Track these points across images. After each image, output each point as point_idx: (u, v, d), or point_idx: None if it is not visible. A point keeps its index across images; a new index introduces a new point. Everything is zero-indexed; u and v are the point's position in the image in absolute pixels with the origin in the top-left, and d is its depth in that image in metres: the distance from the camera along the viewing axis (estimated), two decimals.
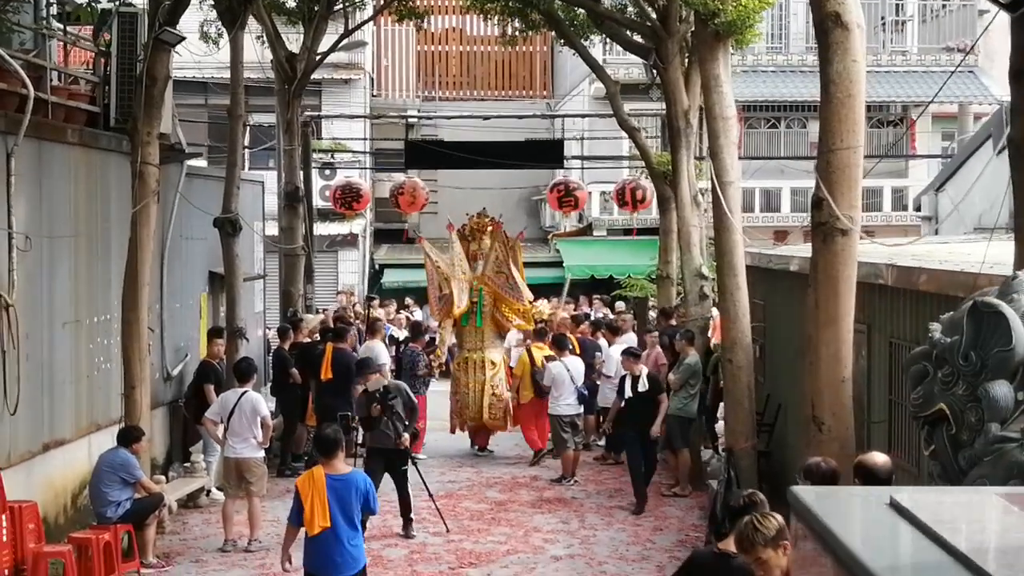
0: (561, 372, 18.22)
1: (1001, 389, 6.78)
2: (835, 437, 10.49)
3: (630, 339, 20.44)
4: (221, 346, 17.31)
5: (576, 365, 18.46)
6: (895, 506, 3.84)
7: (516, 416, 19.85)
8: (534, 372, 19.04)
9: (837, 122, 10.51)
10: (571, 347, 18.88)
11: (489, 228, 20.44)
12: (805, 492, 4.08)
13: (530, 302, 20.54)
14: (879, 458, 7.96)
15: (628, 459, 16.80)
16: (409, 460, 15.00)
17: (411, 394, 15.22)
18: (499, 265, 20.05)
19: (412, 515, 14.94)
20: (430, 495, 15.32)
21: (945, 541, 3.46)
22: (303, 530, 10.31)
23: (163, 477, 15.64)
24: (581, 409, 18.63)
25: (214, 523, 15.16)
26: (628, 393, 16.41)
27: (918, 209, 29.21)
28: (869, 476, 7.71)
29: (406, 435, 14.63)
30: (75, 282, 14.42)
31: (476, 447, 20.42)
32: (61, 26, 16.15)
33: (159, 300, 16.74)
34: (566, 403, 18.19)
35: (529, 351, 19.38)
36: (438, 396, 20.90)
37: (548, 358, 18.84)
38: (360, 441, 15.94)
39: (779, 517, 6.27)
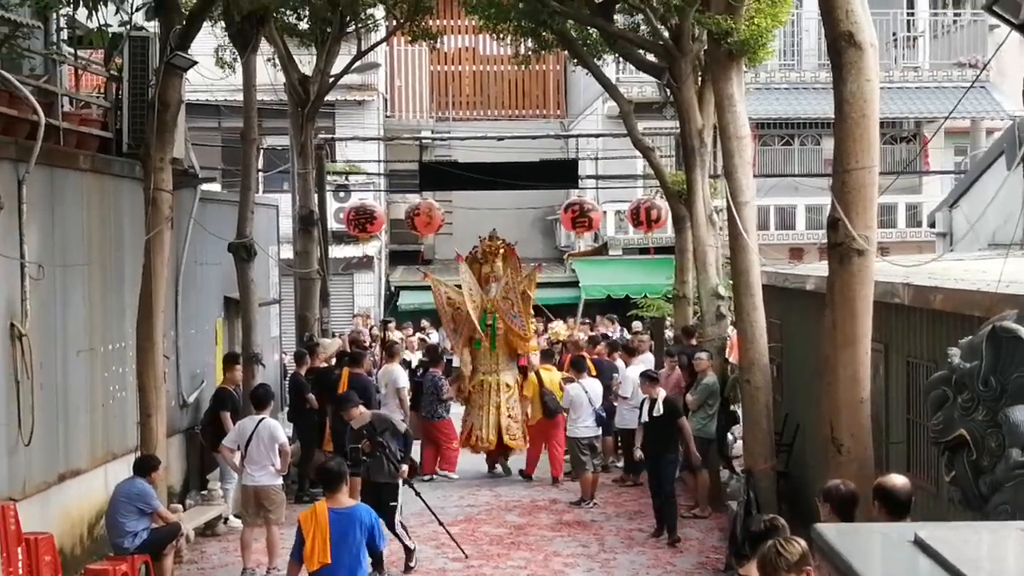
0: (579, 394, 18.13)
1: (1022, 414, 6.69)
2: (854, 458, 10.42)
3: (647, 360, 20.37)
4: (238, 372, 17.22)
5: (594, 387, 18.38)
6: (919, 543, 3.76)
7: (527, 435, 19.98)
8: (543, 393, 18.98)
9: (852, 142, 10.48)
10: (588, 369, 18.79)
11: (502, 251, 20.54)
12: (828, 530, 4.00)
13: (534, 332, 21.04)
14: (898, 480, 7.85)
15: (649, 484, 16.43)
16: (411, 488, 14.80)
17: (398, 424, 14.75)
18: (506, 291, 20.21)
19: (411, 545, 14.55)
20: (440, 523, 15.23)
21: None
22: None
23: (180, 505, 15.57)
24: (599, 431, 18.54)
25: (232, 551, 15.09)
26: (644, 417, 15.98)
27: (932, 225, 29.10)
28: (888, 499, 7.60)
29: (404, 467, 14.21)
30: (89, 310, 14.38)
31: (494, 467, 20.45)
32: (72, 51, 16.12)
33: (174, 327, 16.69)
34: (584, 425, 18.08)
35: (537, 373, 19.35)
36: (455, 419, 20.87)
37: (566, 380, 18.79)
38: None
39: (802, 542, 6.18)
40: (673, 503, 15.78)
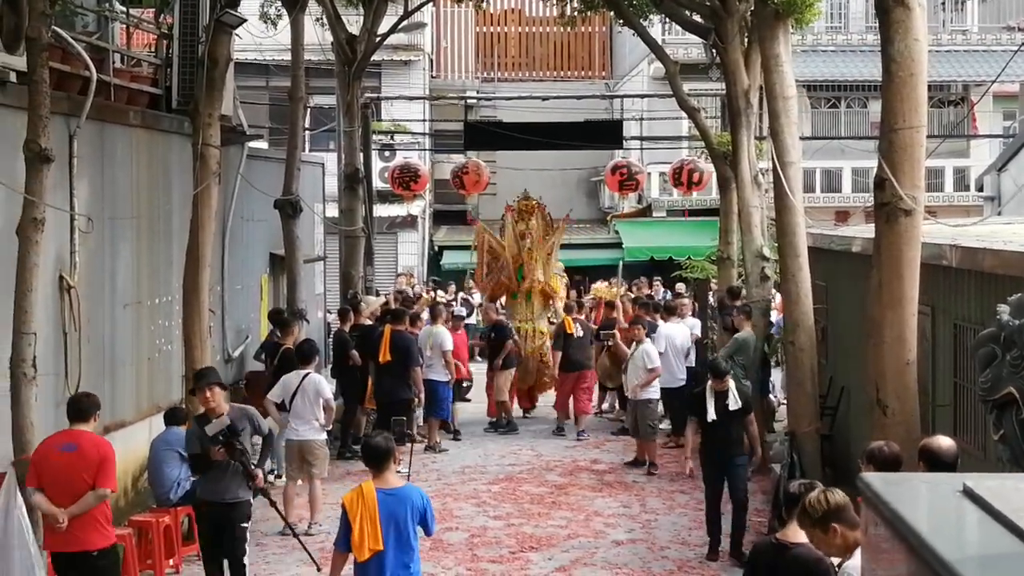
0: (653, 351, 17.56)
1: None
2: (900, 421, 10.36)
3: (690, 323, 20.25)
4: (296, 332, 17.09)
5: (675, 333, 18.74)
6: (968, 493, 3.76)
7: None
8: (567, 345, 19.96)
9: (899, 102, 10.39)
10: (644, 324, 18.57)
11: (536, 209, 21.62)
12: (874, 479, 4.00)
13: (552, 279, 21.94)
14: (944, 442, 7.83)
15: (706, 494, 13.58)
16: (267, 500, 11.91)
17: (260, 419, 11.34)
18: (537, 248, 21.48)
19: None
20: (294, 534, 12.66)
21: (1020, 529, 3.38)
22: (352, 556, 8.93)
23: None
24: (683, 379, 18.49)
25: None
26: (712, 415, 12.98)
27: (980, 189, 28.87)
28: (934, 460, 7.59)
29: (259, 472, 11.04)
30: (136, 264, 14.51)
31: (523, 411, 21.54)
32: (124, 8, 16.23)
33: (220, 282, 16.82)
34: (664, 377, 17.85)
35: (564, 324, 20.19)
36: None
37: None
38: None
39: (835, 497, 6.27)
40: (744, 514, 13.21)
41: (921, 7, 10.42)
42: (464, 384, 21.95)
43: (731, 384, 13.15)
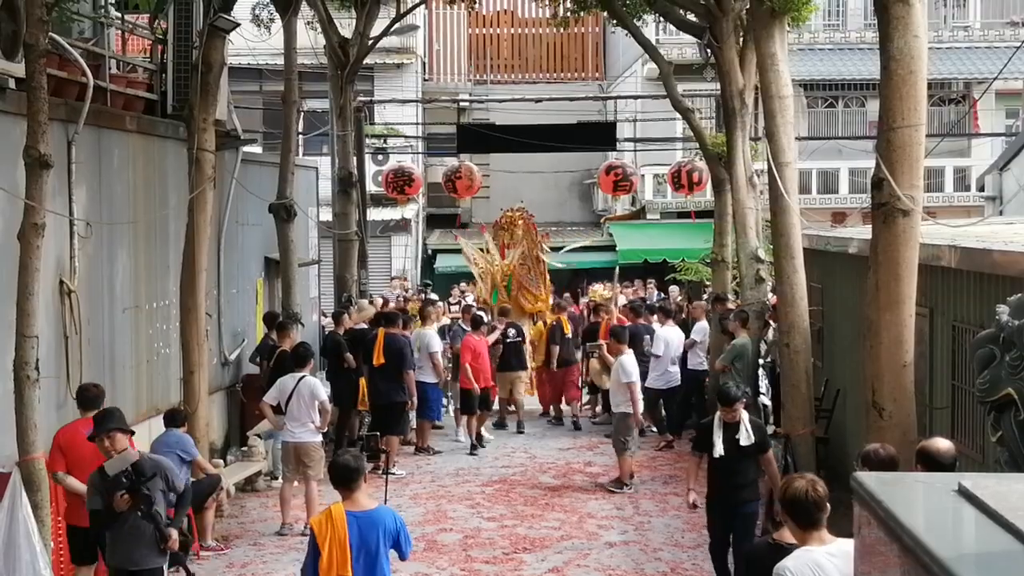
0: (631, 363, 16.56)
1: None
2: (896, 423, 10.28)
3: (703, 328, 19.82)
4: (292, 336, 17.10)
5: (672, 336, 19.31)
6: (963, 492, 3.79)
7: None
8: (563, 342, 21.00)
9: (898, 100, 10.25)
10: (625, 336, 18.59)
11: (520, 221, 22.64)
12: (868, 478, 4.03)
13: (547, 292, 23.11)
14: (942, 444, 7.86)
15: (711, 546, 11.81)
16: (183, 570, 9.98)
17: (175, 473, 9.94)
18: (523, 258, 22.43)
19: None
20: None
21: (1016, 529, 3.42)
22: None
23: (221, 460, 15.75)
24: (677, 381, 19.27)
25: (271, 507, 15.26)
26: (719, 450, 11.11)
27: (981, 189, 28.81)
28: (932, 462, 7.61)
29: (173, 532, 9.43)
30: (134, 268, 14.55)
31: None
32: (119, 14, 16.28)
33: (216, 286, 16.85)
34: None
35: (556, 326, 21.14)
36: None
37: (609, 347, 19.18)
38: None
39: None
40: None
41: (921, 3, 10.30)
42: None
43: (744, 416, 11.16)
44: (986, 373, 7.27)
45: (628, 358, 16.50)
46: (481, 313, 20.51)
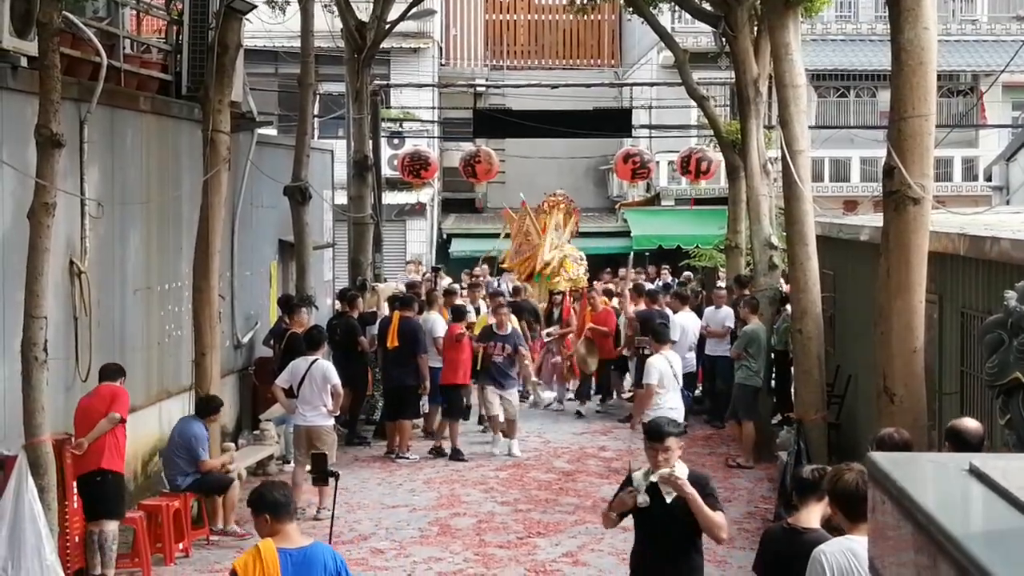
0: (666, 369, 14.79)
1: None
2: (907, 408, 10.37)
3: (727, 314, 19.49)
4: (304, 319, 17.11)
5: (688, 322, 19.69)
6: (975, 472, 3.78)
7: None
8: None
9: (908, 90, 10.38)
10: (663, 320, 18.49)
11: (562, 204, 23.64)
12: (881, 458, 4.02)
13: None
14: (971, 423, 7.85)
15: None
16: None
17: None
18: (559, 243, 23.65)
19: None
20: None
21: None
22: None
23: (232, 444, 15.72)
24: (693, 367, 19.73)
25: None
26: (643, 499, 8.13)
27: (989, 179, 28.85)
28: (961, 441, 7.60)
29: None
30: (147, 249, 14.55)
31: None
32: None
33: (230, 268, 16.85)
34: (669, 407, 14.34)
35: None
36: None
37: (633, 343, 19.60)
38: None
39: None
40: None
41: None
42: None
43: (679, 468, 8.05)
44: (994, 358, 7.28)
45: (657, 359, 14.86)
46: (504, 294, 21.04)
